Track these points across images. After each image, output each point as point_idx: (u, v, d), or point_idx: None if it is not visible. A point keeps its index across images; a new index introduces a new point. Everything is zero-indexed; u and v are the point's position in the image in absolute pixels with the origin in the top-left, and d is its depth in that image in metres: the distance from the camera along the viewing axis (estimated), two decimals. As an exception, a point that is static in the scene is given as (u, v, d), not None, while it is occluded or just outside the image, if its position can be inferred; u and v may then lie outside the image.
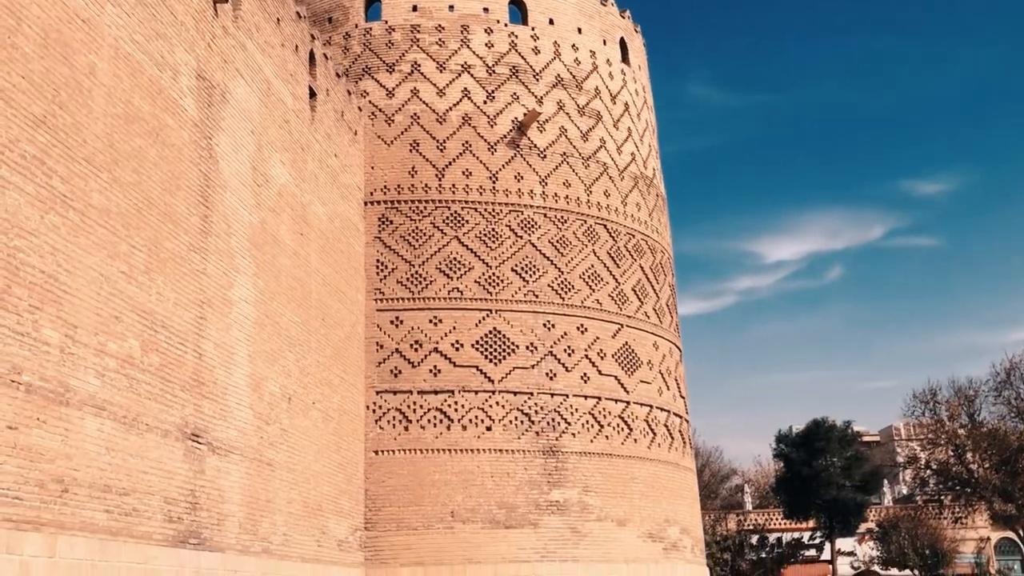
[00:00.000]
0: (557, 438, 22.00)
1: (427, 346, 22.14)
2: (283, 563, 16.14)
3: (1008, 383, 39.18)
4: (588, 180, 24.37)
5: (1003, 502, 40.71)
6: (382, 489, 21.34)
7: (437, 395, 21.87)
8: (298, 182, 18.83)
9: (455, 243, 22.77)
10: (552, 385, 22.34)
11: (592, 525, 21.68)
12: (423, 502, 21.23)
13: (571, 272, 23.35)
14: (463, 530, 21.06)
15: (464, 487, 21.32)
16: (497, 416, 21.83)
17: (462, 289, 22.51)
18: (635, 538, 22.25)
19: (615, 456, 22.52)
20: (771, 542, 55.87)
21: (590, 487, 21.93)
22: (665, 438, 23.92)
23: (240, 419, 15.14)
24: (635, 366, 23.66)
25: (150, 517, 12.17)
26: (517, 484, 21.47)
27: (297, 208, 18.64)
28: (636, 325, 24.10)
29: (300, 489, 17.20)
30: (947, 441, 41.07)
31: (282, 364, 17.03)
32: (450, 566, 20.82)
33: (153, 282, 12.84)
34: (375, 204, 23.17)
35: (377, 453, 21.53)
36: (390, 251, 22.79)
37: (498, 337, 22.34)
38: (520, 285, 22.78)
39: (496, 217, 23.09)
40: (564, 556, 21.25)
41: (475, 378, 22.04)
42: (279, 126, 18.12)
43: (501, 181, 23.40)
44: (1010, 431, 39.96)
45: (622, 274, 24.22)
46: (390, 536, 21.06)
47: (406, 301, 22.46)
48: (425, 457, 21.55)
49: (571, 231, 23.65)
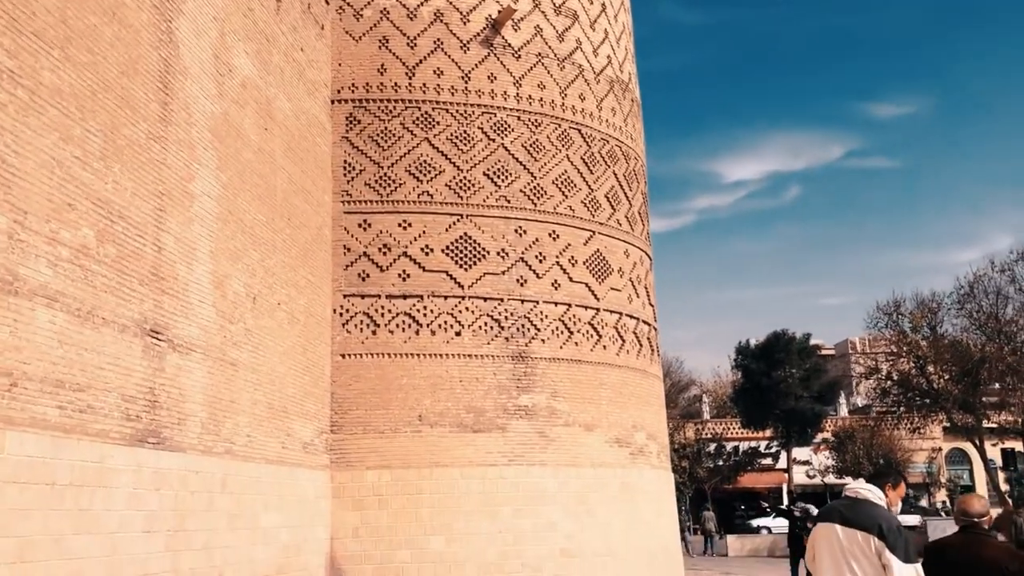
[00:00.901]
0: (527, 344, 21.77)
1: (396, 250, 21.64)
2: (247, 464, 15.86)
3: (971, 296, 39.55)
4: (563, 83, 23.65)
5: (962, 413, 41.51)
6: (349, 392, 21.06)
7: (406, 300, 21.46)
8: (263, 75, 17.99)
9: (425, 145, 22.08)
10: (523, 291, 22.00)
11: (560, 430, 21.62)
12: (390, 406, 20.99)
13: (544, 177, 22.81)
14: (431, 434, 20.91)
15: (432, 391, 21.09)
16: (467, 321, 21.50)
17: (432, 193, 21.92)
18: (602, 443, 22.27)
19: (584, 362, 22.36)
20: (728, 451, 57.04)
21: (559, 392, 21.81)
22: (634, 345, 23.79)
23: (202, 317, 14.65)
24: (606, 274, 23.36)
25: (106, 415, 11.74)
26: (486, 389, 21.28)
27: (262, 102, 17.84)
28: (608, 232, 23.72)
29: (265, 390, 16.83)
30: (909, 352, 41.59)
31: (246, 263, 16.47)
32: (417, 469, 20.71)
33: (109, 170, 12.16)
34: (342, 103, 22.34)
35: (344, 356, 21.17)
36: (358, 152, 22.07)
37: (469, 242, 21.86)
38: (492, 190, 22.22)
39: (468, 119, 22.38)
40: (531, 460, 21.22)
41: (445, 283, 21.63)
42: (243, 14, 17.20)
43: (474, 81, 22.62)
44: (972, 343, 40.52)
45: (595, 180, 23.72)
46: (356, 439, 20.85)
47: (374, 204, 21.85)
48: (393, 361, 21.24)
49: (545, 135, 23.02)
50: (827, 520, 6.12)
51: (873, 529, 5.87)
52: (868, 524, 5.90)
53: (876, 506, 6.06)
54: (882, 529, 5.85)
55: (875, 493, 6.13)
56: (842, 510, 6.10)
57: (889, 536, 5.81)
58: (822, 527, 6.13)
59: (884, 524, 5.88)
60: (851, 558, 5.87)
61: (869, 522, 5.90)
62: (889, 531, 5.81)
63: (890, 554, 5.76)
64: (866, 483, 6.27)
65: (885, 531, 5.84)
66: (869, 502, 6.09)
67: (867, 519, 5.92)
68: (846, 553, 5.91)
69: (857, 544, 5.88)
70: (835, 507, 6.20)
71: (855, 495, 6.16)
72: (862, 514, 5.98)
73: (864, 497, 6.11)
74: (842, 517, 6.03)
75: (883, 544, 5.81)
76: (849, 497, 6.20)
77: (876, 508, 6.05)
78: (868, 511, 6.01)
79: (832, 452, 57.73)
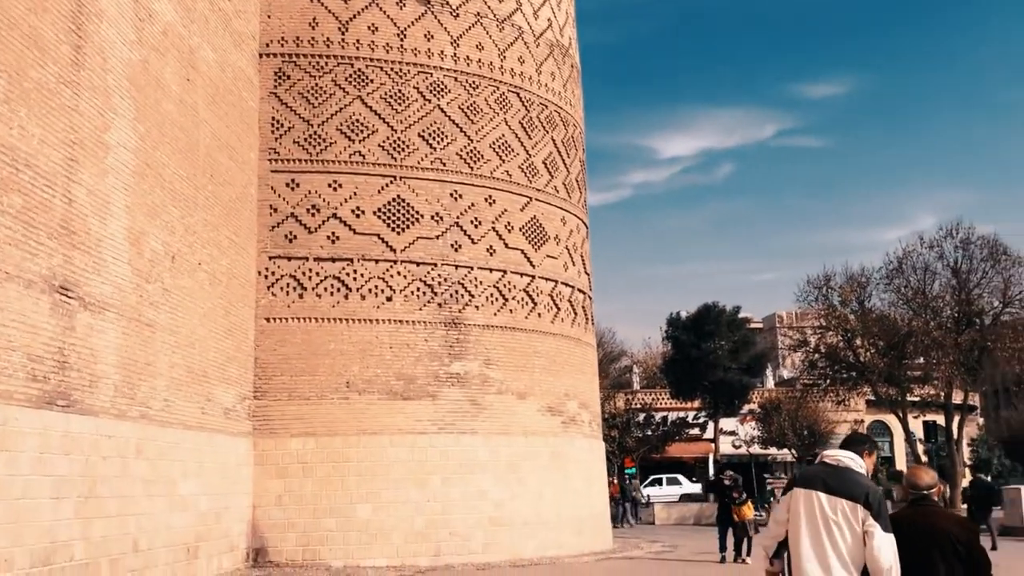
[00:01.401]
0: (460, 310, 21.33)
1: (325, 211, 20.97)
2: (164, 430, 15.18)
3: (900, 272, 40.19)
4: (502, 44, 23.07)
5: (887, 386, 42.26)
6: (273, 357, 20.42)
7: (335, 263, 20.84)
8: (186, 23, 17.09)
9: (358, 103, 21.37)
10: (457, 257, 21.52)
11: (492, 398, 21.28)
12: (317, 372, 20.42)
13: (481, 141, 22.28)
14: (359, 401, 20.41)
15: (361, 357, 20.56)
16: (398, 286, 20.97)
17: (364, 153, 21.25)
18: (535, 411, 22.00)
19: (518, 330, 22.02)
20: (657, 421, 57.43)
21: (492, 360, 21.44)
22: (568, 313, 23.51)
23: (116, 275, 13.87)
24: (542, 241, 22.99)
25: (10, 375, 11.00)
26: (417, 355, 20.81)
27: (184, 51, 16.96)
28: (545, 199, 23.32)
29: (184, 353, 16.12)
30: (837, 326, 42.16)
31: (165, 219, 15.68)
32: (344, 436, 20.21)
33: (15, 114, 11.32)
34: (271, 56, 21.49)
35: (269, 320, 20.51)
36: (287, 108, 21.27)
37: (402, 205, 21.28)
38: (427, 152, 21.63)
39: (403, 78, 21.71)
40: (463, 428, 20.86)
41: (376, 247, 21.04)
42: (165, -44, 16.28)
43: (410, 39, 21.93)
44: (899, 318, 41.19)
45: (533, 146, 23.27)
46: (281, 405, 20.26)
47: (303, 163, 21.12)
48: (320, 326, 20.64)
49: (482, 98, 22.46)
50: (809, 487, 5.92)
51: (860, 497, 5.73)
52: (855, 492, 5.76)
53: (858, 473, 5.90)
54: (868, 497, 5.73)
55: (856, 461, 5.95)
56: (825, 478, 5.90)
57: (873, 504, 5.69)
58: (803, 493, 5.92)
59: (870, 492, 5.76)
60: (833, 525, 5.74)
61: (856, 490, 5.75)
62: (873, 499, 5.73)
63: (873, 521, 5.65)
64: (844, 450, 6.08)
65: (871, 498, 5.72)
66: (852, 470, 5.91)
67: (853, 486, 5.77)
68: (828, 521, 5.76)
69: (842, 512, 5.74)
70: (816, 474, 6.00)
71: (836, 463, 5.96)
72: (847, 481, 5.81)
73: (847, 465, 5.93)
74: (825, 485, 5.84)
75: (868, 512, 5.69)
76: (829, 464, 5.99)
77: (860, 476, 5.88)
78: (852, 478, 5.84)
79: (758, 423, 58.54)
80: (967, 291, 39.22)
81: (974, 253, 38.94)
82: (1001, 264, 38.59)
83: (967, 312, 39.52)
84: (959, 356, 38.42)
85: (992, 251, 38.64)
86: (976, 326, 39.81)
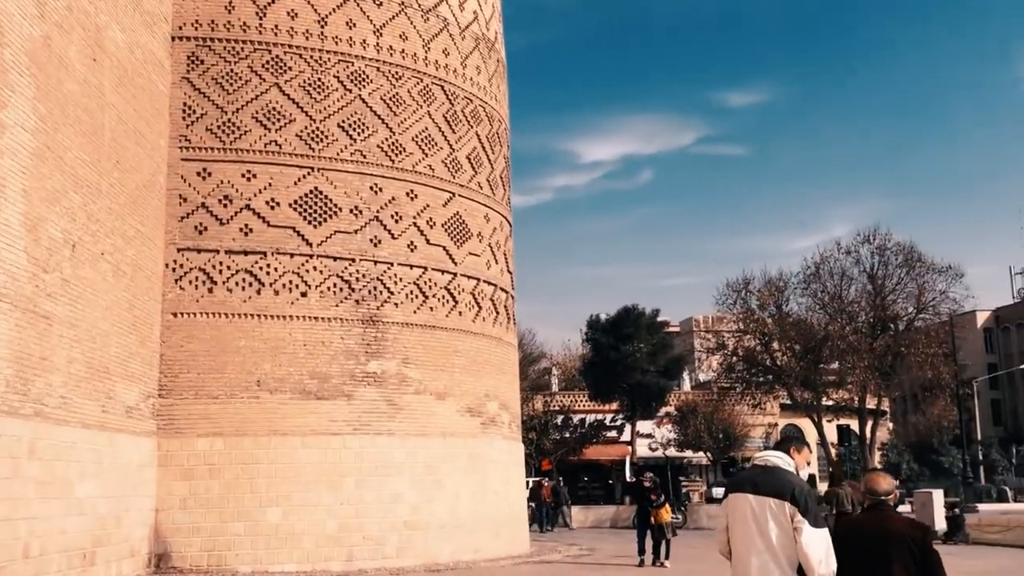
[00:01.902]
0: (378, 307, 20.72)
1: (238, 202, 20.16)
2: (60, 428, 14.27)
3: (817, 276, 40.86)
4: (427, 35, 22.54)
5: (802, 390, 42.92)
6: (180, 354, 19.53)
7: (247, 256, 20.04)
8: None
9: (275, 91, 20.60)
10: (376, 252, 20.91)
11: (410, 398, 20.72)
12: (226, 369, 19.60)
13: (403, 134, 21.71)
14: (270, 400, 19.65)
15: (273, 355, 19.81)
16: (314, 282, 20.27)
17: (281, 143, 20.50)
18: (454, 412, 21.51)
19: (438, 328, 21.50)
20: (575, 423, 57.38)
21: (410, 359, 20.87)
22: (490, 312, 23.08)
23: (10, 263, 12.96)
24: (465, 237, 22.51)
25: None
26: (332, 354, 20.14)
27: (91, 29, 16.03)
28: (468, 195, 22.86)
29: (83, 348, 15.21)
30: (755, 329, 42.65)
31: (65, 205, 14.77)
32: (253, 437, 19.43)
33: None
34: (184, 40, 20.58)
35: (176, 315, 19.61)
36: (200, 94, 20.39)
37: (319, 197, 20.59)
38: (347, 143, 20.97)
39: (323, 66, 21.01)
40: (379, 429, 20.25)
41: (291, 240, 20.31)
42: (70, -73, 15.35)
43: (331, 26, 21.24)
44: (816, 322, 41.90)
45: (457, 140, 22.78)
46: (187, 404, 19.40)
47: (216, 151, 20.27)
48: (231, 322, 19.82)
49: (405, 89, 21.89)
50: (738, 490, 5.99)
51: (786, 495, 5.76)
52: (781, 490, 5.78)
53: (786, 472, 5.93)
54: (794, 494, 5.75)
55: (784, 459, 5.99)
56: (753, 479, 5.96)
57: (800, 500, 5.72)
58: (734, 497, 5.99)
59: (796, 489, 5.78)
60: (765, 525, 5.77)
61: (782, 488, 5.78)
62: (800, 495, 5.76)
63: (801, 517, 5.67)
64: (773, 451, 6.13)
65: (797, 495, 5.74)
66: (780, 468, 5.94)
67: (779, 485, 5.80)
68: (759, 520, 5.79)
69: (770, 511, 5.78)
70: (746, 476, 6.08)
71: (764, 463, 6.00)
72: (774, 480, 5.85)
73: (774, 464, 5.96)
74: (753, 485, 5.90)
75: (795, 509, 5.72)
76: (759, 466, 6.04)
77: (786, 474, 5.91)
78: (779, 476, 5.88)
79: (675, 426, 58.95)
80: (882, 297, 40.07)
81: (890, 259, 39.84)
82: (916, 271, 39.53)
83: (882, 317, 40.37)
84: (874, 361, 39.19)
85: (907, 258, 39.57)
86: (891, 331, 40.68)
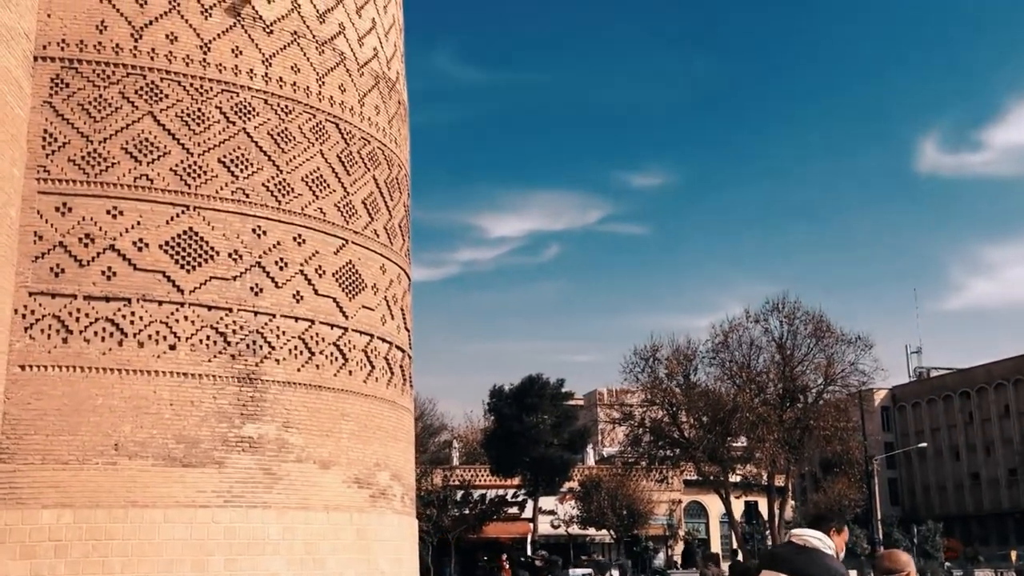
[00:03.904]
0: (257, 364, 18.51)
1: (101, 242, 17.89)
2: None
3: (725, 345, 40.15)
4: (321, 69, 20.82)
5: (710, 464, 41.84)
6: (27, 413, 17.03)
7: (109, 303, 17.72)
8: (-71, -3, 14.00)
9: (149, 120, 18.54)
10: (257, 302, 18.77)
11: (291, 466, 18.43)
12: (80, 431, 17.12)
13: (292, 173, 19.80)
14: (128, 467, 17.20)
15: (135, 415, 17.41)
16: (184, 333, 18.00)
17: (153, 177, 18.38)
18: (339, 483, 19.26)
19: (325, 388, 19.34)
20: (475, 499, 55.64)
21: (292, 422, 18.64)
22: (384, 372, 21.04)
23: None
24: (358, 289, 20.55)
25: None
26: (203, 415, 17.81)
27: (-76, 31, 13.84)
28: (363, 243, 20.97)
29: None
30: (663, 399, 41.60)
31: None
32: (108, 509, 16.93)
33: None
34: (48, 60, 18.44)
35: (24, 368, 17.15)
36: (63, 121, 18.20)
37: (194, 239, 18.45)
38: (228, 180, 18.95)
39: (204, 95, 19.06)
40: (253, 501, 17.88)
41: (160, 286, 18.06)
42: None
43: (215, 53, 19.35)
44: (724, 392, 41.01)
45: (352, 183, 20.96)
46: (33, 471, 16.86)
47: (79, 184, 18.04)
48: (87, 377, 17.41)
49: (296, 125, 20.05)
50: (774, 569, 5.57)
51: None
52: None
53: (826, 555, 5.52)
54: None
55: (824, 542, 5.55)
56: (791, 559, 5.54)
57: None
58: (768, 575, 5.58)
59: None
60: None
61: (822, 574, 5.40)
62: None
63: None
64: (812, 530, 5.67)
65: None
66: (820, 551, 5.52)
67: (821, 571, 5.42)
68: None
69: None
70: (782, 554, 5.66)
71: (803, 543, 5.57)
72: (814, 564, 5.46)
73: (814, 546, 5.54)
74: (792, 568, 5.47)
75: None
76: (796, 544, 5.60)
77: (827, 558, 5.51)
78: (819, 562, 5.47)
79: (578, 502, 57.40)
80: (791, 367, 39.52)
81: (799, 328, 39.40)
82: (825, 341, 39.16)
83: (791, 388, 39.79)
84: (783, 434, 38.41)
85: (817, 327, 39.17)
86: (800, 403, 40.07)
